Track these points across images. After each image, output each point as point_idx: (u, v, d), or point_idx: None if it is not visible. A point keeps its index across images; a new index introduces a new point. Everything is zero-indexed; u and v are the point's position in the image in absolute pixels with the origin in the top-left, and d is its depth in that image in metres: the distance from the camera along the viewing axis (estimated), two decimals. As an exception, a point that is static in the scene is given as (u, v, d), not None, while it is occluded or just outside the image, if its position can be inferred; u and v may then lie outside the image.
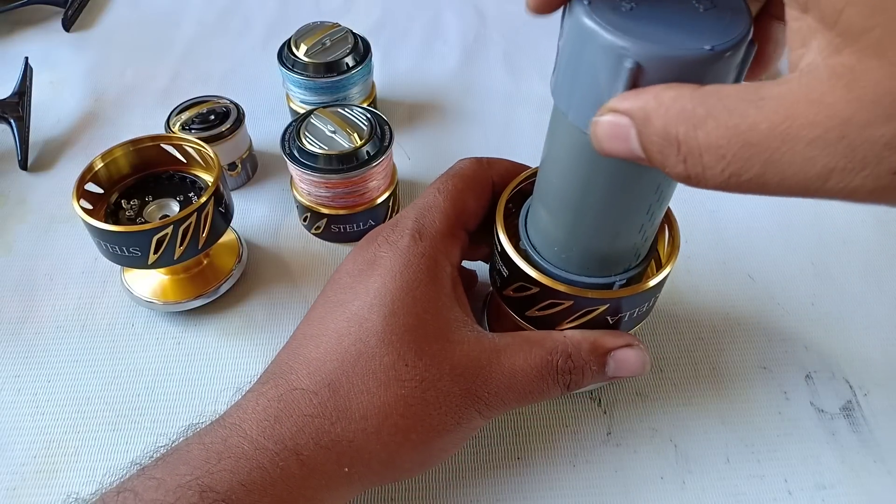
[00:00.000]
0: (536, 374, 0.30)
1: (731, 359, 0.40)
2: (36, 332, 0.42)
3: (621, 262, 0.30)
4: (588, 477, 0.35)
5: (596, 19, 0.21)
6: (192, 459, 0.26)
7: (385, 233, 0.32)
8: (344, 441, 0.28)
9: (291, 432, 0.27)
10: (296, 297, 0.43)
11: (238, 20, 0.68)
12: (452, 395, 0.29)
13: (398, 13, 0.68)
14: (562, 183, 0.27)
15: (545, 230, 0.30)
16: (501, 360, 0.30)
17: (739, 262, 0.45)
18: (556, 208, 0.29)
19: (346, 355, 0.29)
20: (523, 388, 0.30)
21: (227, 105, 0.48)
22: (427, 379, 0.28)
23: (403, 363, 0.28)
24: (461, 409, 0.29)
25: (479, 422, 0.30)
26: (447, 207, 0.33)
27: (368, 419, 0.28)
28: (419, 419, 0.28)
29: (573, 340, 0.31)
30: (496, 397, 0.30)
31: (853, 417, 0.37)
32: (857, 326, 0.41)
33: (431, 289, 0.30)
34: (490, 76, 0.60)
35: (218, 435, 0.27)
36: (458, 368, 0.29)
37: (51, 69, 0.61)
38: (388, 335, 0.29)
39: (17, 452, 0.37)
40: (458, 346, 0.30)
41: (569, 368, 0.30)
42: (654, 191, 0.26)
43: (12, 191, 0.51)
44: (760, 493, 0.35)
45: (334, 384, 0.28)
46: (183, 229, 0.37)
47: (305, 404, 0.28)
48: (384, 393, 0.28)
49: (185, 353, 0.41)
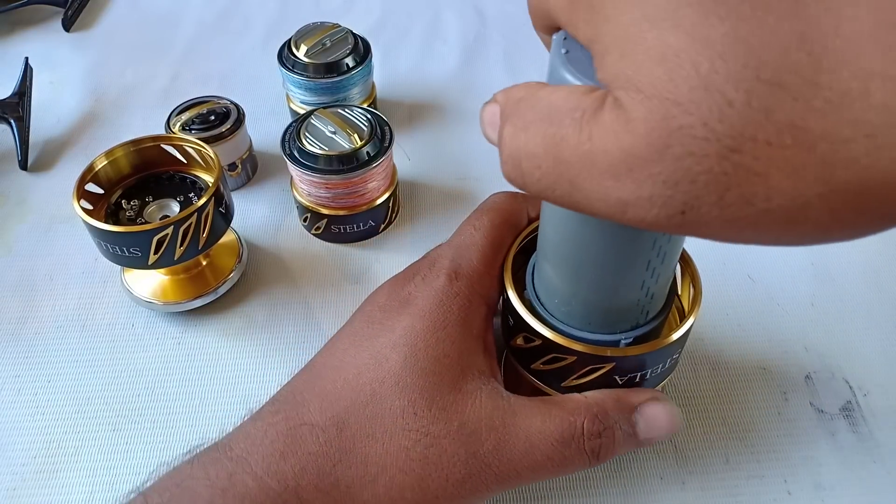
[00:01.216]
0: (557, 438, 0.27)
1: (731, 359, 0.40)
2: (36, 332, 0.42)
3: (627, 319, 0.28)
4: (587, 477, 0.35)
5: (571, 70, 0.20)
6: (198, 499, 0.26)
7: (423, 272, 0.31)
8: (342, 486, 0.26)
9: (295, 471, 0.26)
10: (296, 298, 0.44)
11: (238, 20, 0.68)
12: (457, 458, 0.27)
13: (398, 13, 0.68)
14: (557, 236, 0.26)
15: (547, 282, 0.29)
16: (517, 422, 0.27)
17: (739, 262, 0.45)
18: (554, 261, 0.28)
19: (360, 394, 0.27)
20: (541, 455, 0.27)
21: (227, 105, 0.48)
22: (431, 434, 0.27)
23: (413, 411, 0.27)
24: (466, 477, 0.27)
25: (486, 494, 0.27)
26: (484, 245, 0.31)
27: (367, 466, 0.26)
28: (417, 478, 0.26)
29: (595, 399, 0.28)
30: (508, 466, 0.27)
31: (853, 418, 0.37)
32: (856, 327, 0.41)
33: (458, 330, 0.29)
34: (490, 76, 0.60)
35: (224, 469, 0.26)
36: (466, 427, 0.27)
37: (51, 69, 0.61)
38: (403, 378, 0.27)
39: (17, 452, 0.37)
40: (470, 400, 0.28)
41: (597, 431, 0.27)
42: (651, 247, 0.25)
43: (12, 191, 0.51)
44: (760, 493, 0.35)
45: (342, 423, 0.27)
46: (183, 230, 0.37)
47: (311, 441, 0.27)
48: (388, 441, 0.27)
49: (185, 354, 0.41)
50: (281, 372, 0.40)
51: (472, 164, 0.52)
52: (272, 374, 0.40)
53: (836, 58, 0.14)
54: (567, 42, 0.21)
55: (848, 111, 0.14)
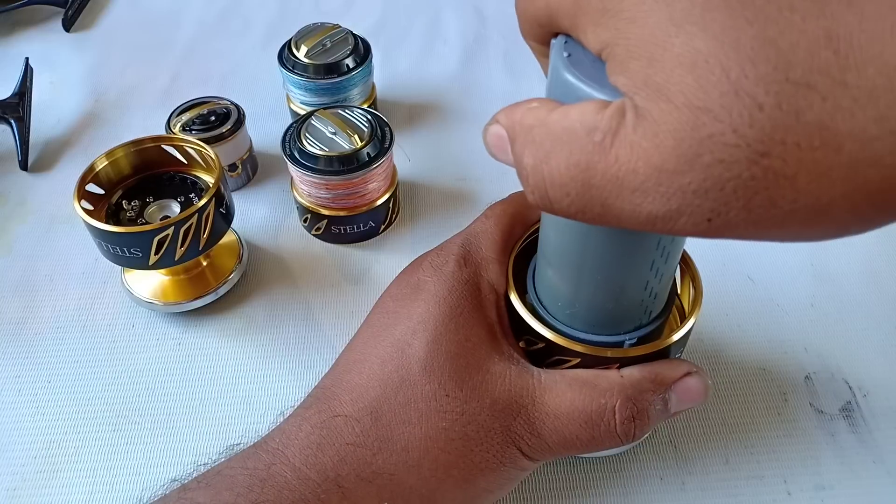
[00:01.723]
0: (585, 419, 0.27)
1: (731, 360, 0.40)
2: (36, 332, 0.42)
3: (630, 320, 0.28)
4: (588, 477, 0.35)
5: (574, 72, 0.20)
6: (236, 485, 0.26)
7: (430, 258, 0.31)
8: (385, 474, 0.27)
9: (333, 462, 0.26)
10: (296, 299, 0.44)
11: (238, 20, 0.68)
12: (493, 431, 0.27)
13: (398, 14, 0.68)
14: (560, 239, 0.26)
15: (549, 285, 0.29)
16: (546, 399, 0.27)
17: (739, 263, 0.45)
18: (557, 265, 0.28)
19: (389, 382, 0.28)
20: (570, 434, 0.27)
21: (227, 106, 0.48)
22: (468, 412, 0.27)
23: (444, 393, 0.27)
24: (503, 447, 0.27)
25: (525, 462, 0.28)
26: (495, 233, 0.31)
27: (409, 451, 0.27)
28: (460, 455, 0.27)
29: (632, 380, 0.27)
30: (539, 441, 0.27)
31: (853, 418, 0.37)
32: (856, 328, 0.41)
33: (474, 316, 0.29)
34: (490, 76, 0.60)
35: (262, 460, 0.27)
36: (498, 404, 0.27)
37: (51, 69, 0.61)
38: (430, 363, 0.28)
39: (17, 452, 0.37)
40: (499, 380, 0.28)
41: (630, 415, 0.27)
42: (655, 247, 0.25)
43: (12, 191, 0.51)
44: (760, 493, 0.35)
45: (377, 412, 0.27)
46: (184, 230, 0.37)
47: (348, 432, 0.27)
48: (425, 424, 0.27)
49: (185, 354, 0.41)
50: (281, 372, 0.40)
51: (472, 164, 0.52)
52: (272, 375, 0.40)
53: (862, 55, 0.14)
54: (568, 46, 0.21)
55: (874, 108, 0.14)
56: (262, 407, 0.38)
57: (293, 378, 0.40)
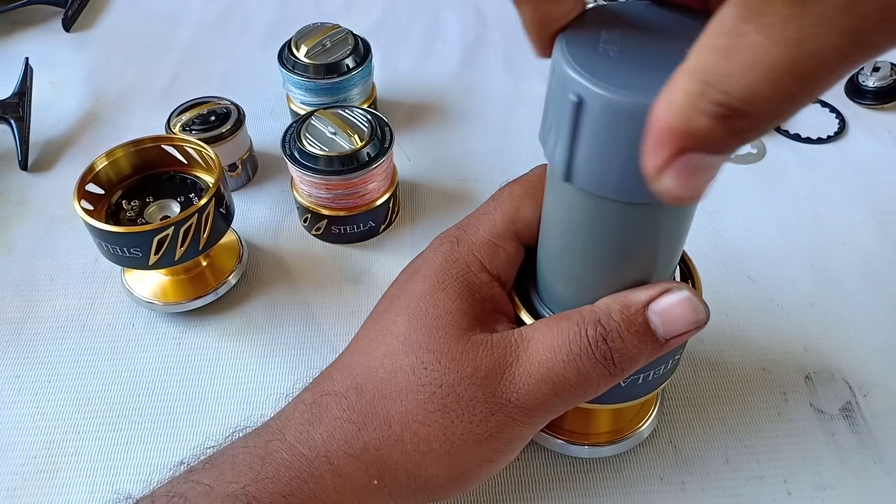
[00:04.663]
0: (566, 352, 0.26)
1: (731, 360, 0.40)
2: (36, 332, 0.42)
3: None
4: (588, 477, 0.35)
5: (564, 53, 0.21)
6: (238, 464, 0.27)
7: (433, 242, 0.32)
8: (371, 449, 0.27)
9: (324, 438, 0.27)
10: (296, 298, 0.44)
11: (238, 21, 0.68)
12: (475, 400, 0.27)
13: (398, 14, 0.68)
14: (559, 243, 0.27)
15: (548, 285, 0.29)
16: (529, 348, 0.27)
17: (739, 263, 0.45)
18: (557, 269, 0.28)
19: (373, 358, 0.29)
20: (557, 374, 0.26)
21: (227, 106, 0.48)
22: (446, 384, 0.27)
23: (422, 366, 0.27)
24: (487, 416, 0.27)
25: (517, 430, 0.27)
26: (495, 215, 0.31)
27: (391, 426, 0.27)
28: (440, 427, 0.27)
29: (602, 305, 0.27)
30: (528, 396, 0.26)
31: (853, 418, 0.37)
32: (856, 327, 0.41)
33: (457, 291, 0.29)
34: (490, 76, 0.60)
35: (261, 439, 0.28)
36: (480, 371, 0.27)
37: (51, 69, 0.61)
38: (408, 336, 0.28)
39: (17, 452, 0.37)
40: (480, 347, 0.27)
41: (601, 336, 0.26)
42: (655, 247, 0.25)
43: (13, 191, 0.51)
44: (760, 493, 0.35)
45: (360, 387, 0.28)
46: (184, 230, 0.37)
47: (335, 407, 0.28)
48: (404, 398, 0.27)
49: (185, 354, 0.41)
50: (281, 372, 0.40)
51: (472, 164, 0.52)
52: (272, 375, 0.40)
53: None
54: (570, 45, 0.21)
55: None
56: (262, 407, 0.38)
57: (293, 378, 0.39)
